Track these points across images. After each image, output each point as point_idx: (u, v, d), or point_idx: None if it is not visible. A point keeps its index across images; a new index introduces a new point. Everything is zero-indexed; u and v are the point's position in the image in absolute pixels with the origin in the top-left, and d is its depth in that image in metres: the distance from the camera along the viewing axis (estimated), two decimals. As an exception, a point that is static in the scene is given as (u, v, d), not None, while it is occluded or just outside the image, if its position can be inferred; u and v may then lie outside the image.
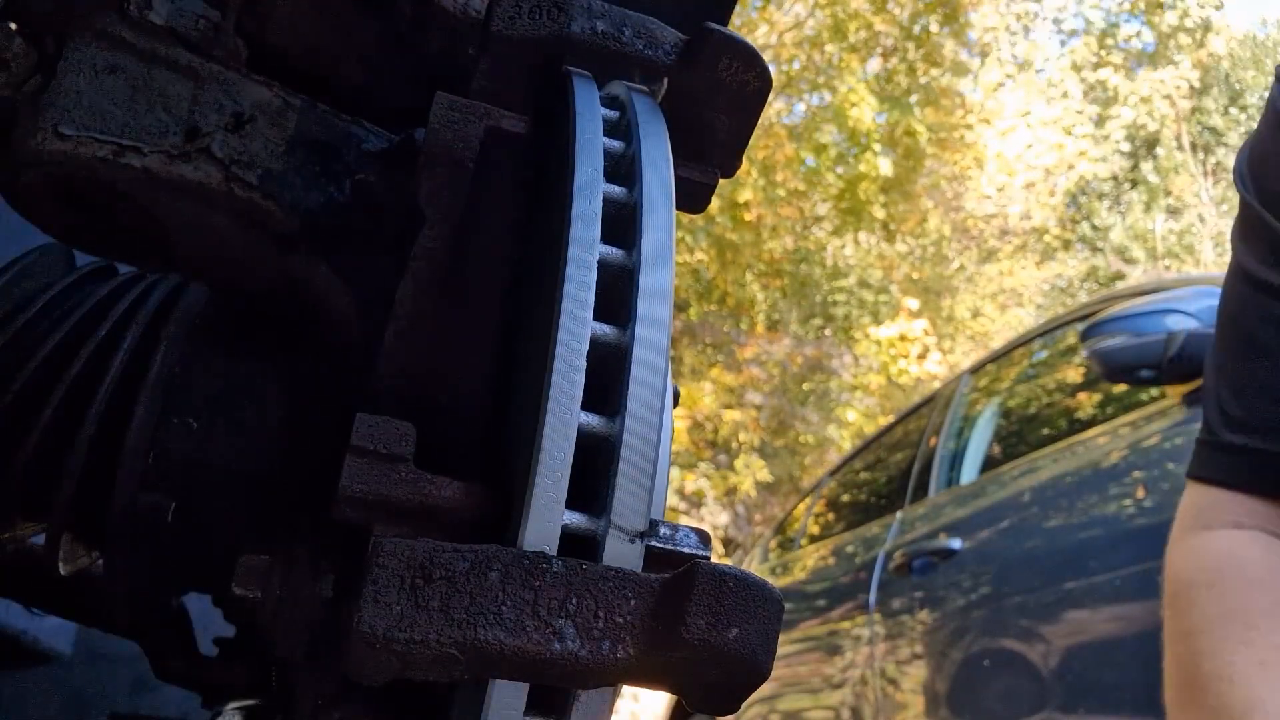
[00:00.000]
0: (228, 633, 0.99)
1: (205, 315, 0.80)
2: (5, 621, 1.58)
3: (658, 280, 0.52)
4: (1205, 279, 2.64)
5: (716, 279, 11.91)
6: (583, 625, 0.44)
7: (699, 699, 0.46)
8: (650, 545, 0.52)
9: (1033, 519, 2.58)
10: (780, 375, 12.42)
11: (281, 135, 0.73)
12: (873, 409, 12.24)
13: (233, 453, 0.75)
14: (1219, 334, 1.13)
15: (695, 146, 0.67)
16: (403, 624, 0.42)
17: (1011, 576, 2.56)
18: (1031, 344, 3.48)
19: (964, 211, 14.39)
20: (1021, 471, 2.78)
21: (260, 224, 0.72)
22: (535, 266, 0.61)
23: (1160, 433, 2.27)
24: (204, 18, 0.73)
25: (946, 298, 13.90)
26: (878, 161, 12.02)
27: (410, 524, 0.54)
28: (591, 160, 0.55)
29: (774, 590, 0.46)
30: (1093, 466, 2.44)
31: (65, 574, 0.82)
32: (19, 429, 0.75)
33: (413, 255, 0.64)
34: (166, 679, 0.94)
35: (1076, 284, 14.39)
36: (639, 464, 0.48)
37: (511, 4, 0.62)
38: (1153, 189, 14.87)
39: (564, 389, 0.48)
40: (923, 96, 12.84)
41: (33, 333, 0.79)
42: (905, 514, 3.42)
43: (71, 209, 0.73)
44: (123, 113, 0.69)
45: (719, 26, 0.63)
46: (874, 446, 4.50)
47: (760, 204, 11.65)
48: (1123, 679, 2.11)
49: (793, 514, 5.17)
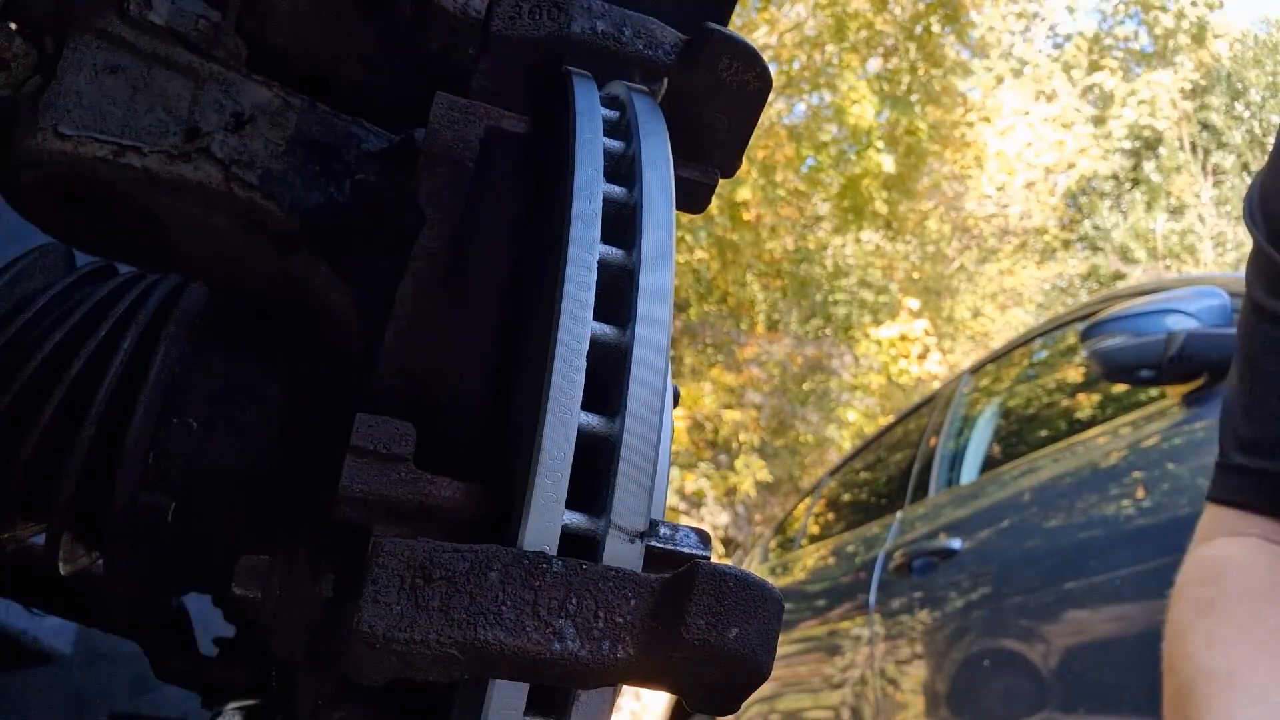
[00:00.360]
0: (228, 633, 0.99)
1: (205, 315, 0.80)
2: (5, 621, 1.58)
3: (658, 280, 0.52)
4: (1205, 279, 2.64)
5: (717, 279, 11.92)
6: (583, 625, 0.44)
7: (699, 699, 0.46)
8: (650, 545, 0.52)
9: (1033, 519, 2.58)
10: (780, 375, 12.42)
11: (281, 135, 0.73)
12: (873, 409, 12.24)
13: (233, 453, 0.75)
14: (1234, 363, 1.17)
15: (695, 146, 0.67)
16: (403, 624, 0.42)
17: (1011, 576, 2.56)
18: (1031, 344, 3.48)
19: (964, 211, 14.39)
20: (1021, 471, 2.78)
21: (260, 224, 0.72)
22: (535, 266, 0.61)
23: (1160, 433, 2.27)
24: (204, 18, 0.73)
25: (946, 298, 13.89)
26: (880, 158, 12.04)
27: (410, 524, 0.54)
28: (591, 160, 0.55)
29: (774, 590, 0.46)
30: (1093, 466, 2.44)
31: (65, 574, 0.82)
32: (19, 429, 0.75)
33: (413, 255, 0.64)
34: (166, 679, 0.94)
35: (1077, 283, 14.39)
36: (639, 464, 0.48)
37: (511, 4, 0.62)
38: (1154, 188, 14.88)
39: (564, 389, 0.48)
40: (923, 95, 12.84)
41: (33, 333, 0.79)
42: (905, 514, 3.42)
43: (71, 209, 0.73)
44: (123, 113, 0.69)
45: (719, 26, 0.63)
46: (874, 446, 4.50)
47: (759, 204, 11.65)
48: (1123, 679, 2.11)
49: (793, 514, 5.17)
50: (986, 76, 14.17)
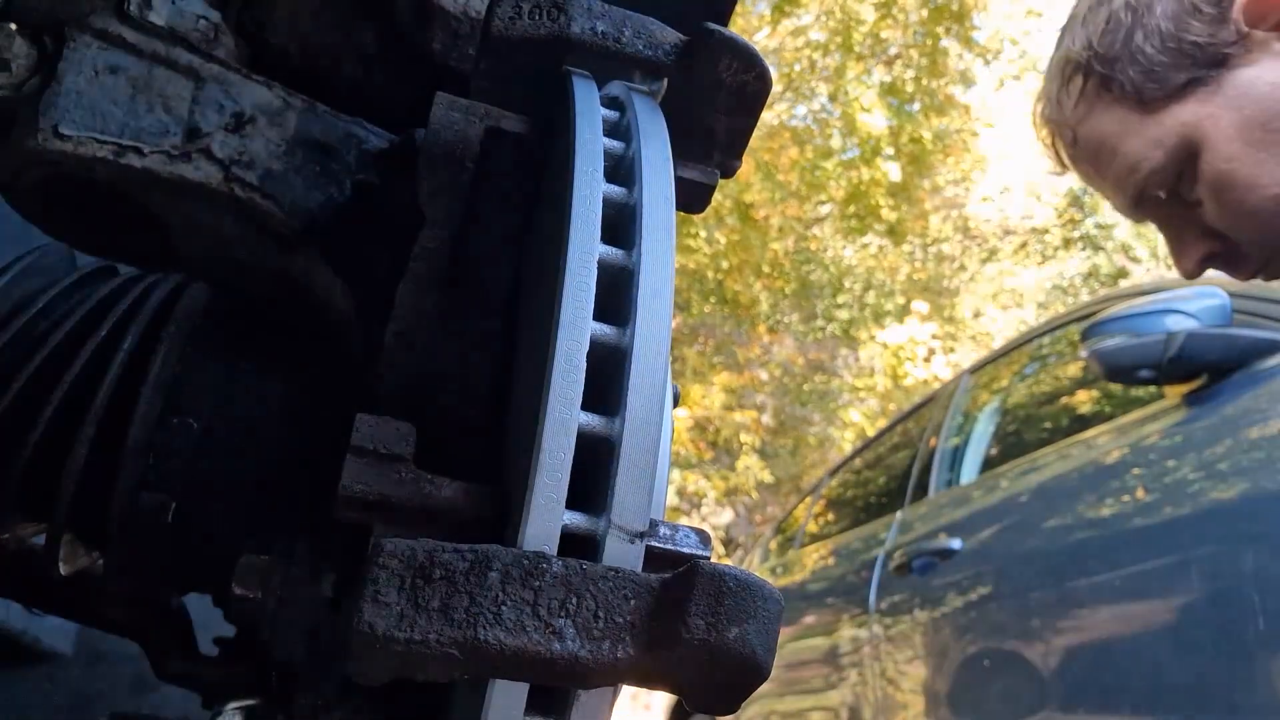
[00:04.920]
0: (228, 633, 0.99)
1: (205, 315, 0.80)
2: (5, 621, 1.58)
3: (658, 280, 0.52)
4: (1205, 279, 2.63)
5: (726, 279, 11.89)
6: (583, 625, 0.44)
7: (699, 699, 0.46)
8: (650, 545, 0.52)
9: (1033, 519, 2.58)
10: (782, 376, 12.41)
11: (281, 135, 0.73)
12: (873, 410, 12.23)
13: (232, 452, 0.75)
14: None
15: (695, 147, 0.67)
16: (403, 624, 0.42)
17: (1011, 576, 2.56)
18: (1031, 344, 3.48)
19: (966, 212, 14.37)
20: (1021, 471, 2.78)
21: (260, 224, 0.72)
22: (535, 266, 0.61)
23: (1160, 433, 2.27)
24: (204, 18, 0.73)
25: (947, 299, 13.88)
26: (886, 167, 12.04)
27: (410, 524, 0.54)
28: (591, 161, 0.55)
29: (774, 590, 0.46)
30: (1093, 466, 2.44)
31: (65, 574, 0.82)
32: (19, 429, 0.75)
33: (413, 255, 0.64)
34: (166, 679, 0.94)
35: (1079, 283, 14.37)
36: (639, 464, 0.48)
37: (511, 4, 0.62)
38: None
39: (564, 389, 0.48)
40: (928, 103, 12.81)
41: (33, 333, 0.79)
42: (905, 514, 3.42)
43: (72, 209, 0.73)
44: (123, 113, 0.69)
45: (719, 27, 0.63)
46: (874, 446, 4.50)
47: (765, 204, 11.65)
48: (1123, 679, 2.11)
49: (793, 514, 5.17)
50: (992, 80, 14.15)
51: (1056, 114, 1.21)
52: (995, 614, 2.58)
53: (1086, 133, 1.17)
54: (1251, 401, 2.02)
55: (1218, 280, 2.49)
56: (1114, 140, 1.14)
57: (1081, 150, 1.19)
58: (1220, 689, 1.86)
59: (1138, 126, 1.12)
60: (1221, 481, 1.99)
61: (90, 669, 1.82)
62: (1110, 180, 1.17)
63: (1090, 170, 1.21)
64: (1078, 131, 1.18)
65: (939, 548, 2.92)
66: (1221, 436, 2.05)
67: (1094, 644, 2.22)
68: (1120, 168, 1.14)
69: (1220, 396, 2.12)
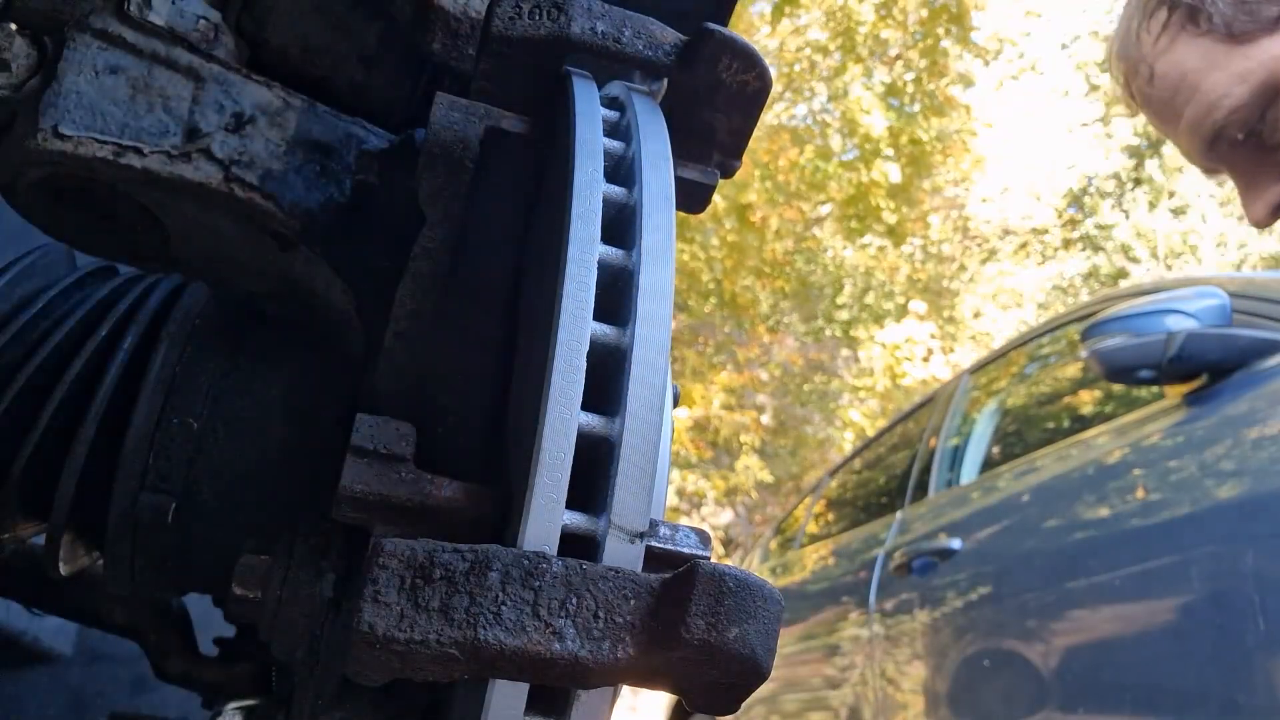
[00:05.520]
0: (228, 633, 0.99)
1: (205, 315, 0.80)
2: (5, 621, 1.58)
3: (658, 280, 0.52)
4: (1206, 279, 2.64)
5: (725, 280, 11.89)
6: (583, 625, 0.44)
7: (699, 699, 0.46)
8: (650, 545, 0.52)
9: (1033, 519, 2.58)
10: (782, 376, 12.42)
11: (281, 135, 0.73)
12: (873, 410, 12.23)
13: (232, 453, 0.75)
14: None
15: (695, 147, 0.67)
16: (402, 624, 0.42)
17: (1011, 576, 2.56)
18: (1031, 344, 3.48)
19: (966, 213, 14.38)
20: (1021, 471, 2.78)
21: (260, 224, 0.72)
22: (535, 266, 0.61)
23: (1160, 433, 2.26)
24: (204, 18, 0.73)
25: (947, 299, 13.89)
26: (887, 168, 12.03)
27: (410, 524, 0.54)
28: (591, 160, 0.55)
29: (774, 590, 0.46)
30: (1093, 466, 2.44)
31: (65, 574, 0.82)
32: (19, 429, 0.75)
33: (413, 255, 0.64)
34: (166, 679, 0.94)
35: (1079, 283, 14.37)
36: (639, 464, 0.48)
37: (511, 4, 0.62)
38: (1157, 188, 14.86)
39: (564, 389, 0.48)
40: (927, 104, 12.81)
41: (33, 332, 0.79)
42: (905, 514, 3.42)
43: (72, 209, 0.73)
44: (123, 113, 0.69)
45: (719, 27, 0.63)
46: (874, 446, 4.50)
47: (764, 204, 11.65)
48: (1123, 679, 2.11)
49: (793, 514, 5.17)
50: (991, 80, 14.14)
51: (1134, 50, 1.13)
52: (995, 614, 2.58)
53: (1165, 68, 1.10)
54: (1251, 401, 2.02)
55: (1218, 280, 2.49)
56: (1195, 75, 1.07)
57: (1158, 88, 1.12)
58: (1220, 689, 1.86)
59: (1223, 60, 1.05)
60: (1221, 482, 1.99)
61: (90, 669, 1.82)
62: (1186, 120, 1.11)
63: (1164, 110, 1.13)
64: (1156, 67, 1.11)
65: (939, 548, 2.92)
66: (1221, 436, 2.05)
67: (1094, 644, 2.22)
68: (1199, 106, 1.08)
69: (1220, 396, 2.12)
